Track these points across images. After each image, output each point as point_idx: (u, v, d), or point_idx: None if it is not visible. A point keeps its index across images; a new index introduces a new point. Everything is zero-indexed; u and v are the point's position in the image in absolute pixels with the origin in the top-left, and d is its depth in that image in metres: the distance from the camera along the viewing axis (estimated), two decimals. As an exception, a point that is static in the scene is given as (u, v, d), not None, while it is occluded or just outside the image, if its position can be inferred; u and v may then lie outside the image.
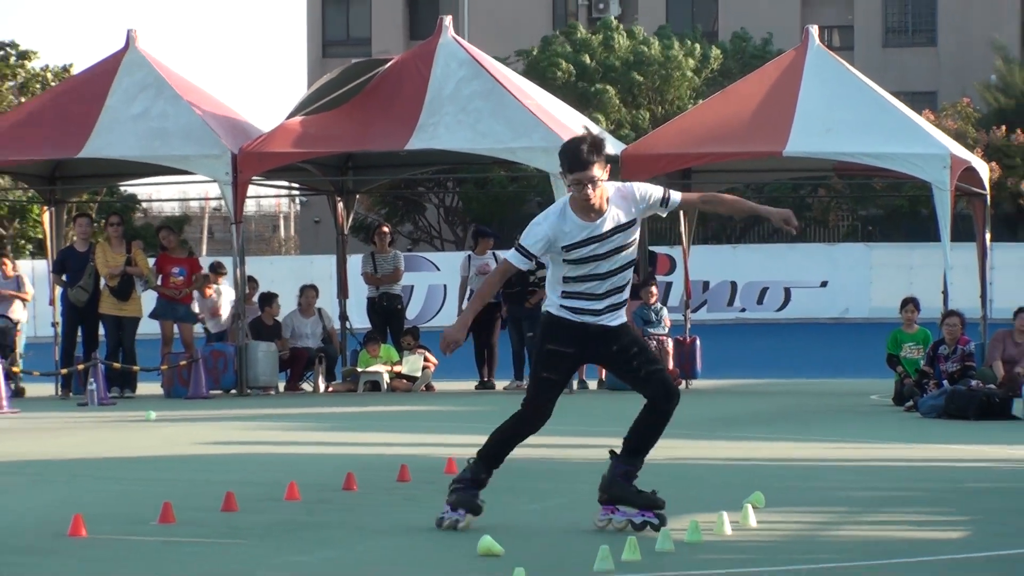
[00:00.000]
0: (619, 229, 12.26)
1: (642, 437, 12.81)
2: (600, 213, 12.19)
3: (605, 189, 12.23)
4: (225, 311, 31.80)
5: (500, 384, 31.30)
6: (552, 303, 12.66)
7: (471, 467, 13.18)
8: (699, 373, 31.40)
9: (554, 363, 12.75)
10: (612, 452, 12.97)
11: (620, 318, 12.62)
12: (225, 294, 31.87)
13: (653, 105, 57.64)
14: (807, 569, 10.80)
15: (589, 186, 12.08)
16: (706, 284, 46.04)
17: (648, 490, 12.72)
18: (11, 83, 59.72)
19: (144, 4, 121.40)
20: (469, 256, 32.34)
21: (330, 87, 31.49)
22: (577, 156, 12.10)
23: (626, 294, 12.63)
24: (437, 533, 13.25)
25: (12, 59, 61.03)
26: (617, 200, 12.31)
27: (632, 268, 12.62)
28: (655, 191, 12.40)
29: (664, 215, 12.76)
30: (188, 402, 28.11)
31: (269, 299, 31.30)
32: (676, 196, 12.45)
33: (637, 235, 12.48)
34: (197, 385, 28.90)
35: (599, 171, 12.09)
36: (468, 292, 31.46)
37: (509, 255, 12.62)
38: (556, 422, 23.74)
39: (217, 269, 32.25)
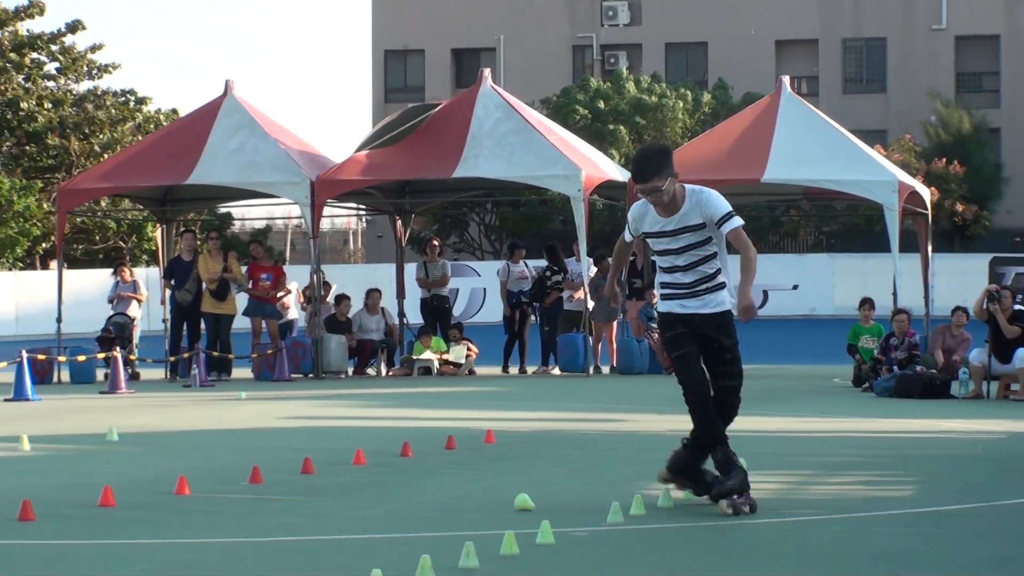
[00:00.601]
0: (688, 229, 11.61)
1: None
2: (672, 212, 11.63)
3: (679, 191, 11.61)
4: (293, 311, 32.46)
5: (531, 368, 31.32)
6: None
7: (718, 456, 11.74)
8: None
9: (677, 343, 11.82)
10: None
11: (709, 307, 11.79)
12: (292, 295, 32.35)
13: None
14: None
15: (652, 194, 11.61)
16: (699, 287, 45.90)
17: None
18: (131, 124, 59.74)
19: (239, 57, 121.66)
20: (507, 264, 32.39)
21: (390, 126, 31.50)
22: (639, 170, 11.67)
23: (713, 283, 11.81)
24: (480, 490, 13.19)
25: (131, 104, 61.07)
26: (692, 203, 11.62)
27: (713, 262, 11.81)
28: (717, 211, 11.58)
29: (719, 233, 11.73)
30: (273, 384, 28.15)
31: (341, 300, 31.40)
32: (729, 227, 11.59)
33: (713, 236, 11.71)
34: (281, 370, 28.95)
35: (659, 182, 11.47)
36: (507, 293, 31.58)
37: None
38: (574, 400, 23.71)
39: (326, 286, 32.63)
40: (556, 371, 30.58)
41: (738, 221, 11.61)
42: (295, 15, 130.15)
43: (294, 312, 32.52)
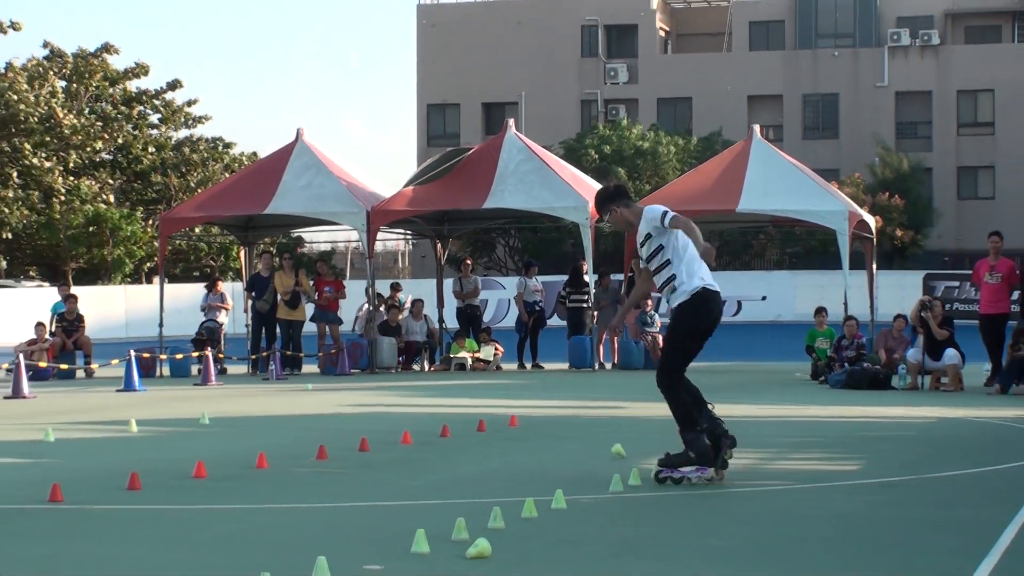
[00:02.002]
0: (644, 242, 11.59)
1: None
2: (634, 229, 11.76)
3: (631, 214, 11.72)
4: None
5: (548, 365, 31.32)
6: None
7: (690, 440, 11.44)
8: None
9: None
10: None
11: (671, 304, 11.56)
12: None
13: (649, 179, 57.55)
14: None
15: (605, 217, 11.96)
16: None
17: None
18: (219, 164, 59.92)
19: (308, 108, 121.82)
20: (523, 279, 32.46)
21: (432, 166, 31.52)
22: (595, 208, 12.11)
23: (672, 287, 11.46)
24: (505, 464, 13.20)
25: (220, 148, 61.27)
26: (641, 220, 11.59)
27: (667, 269, 11.48)
28: (655, 216, 11.42)
29: (669, 229, 11.49)
30: (335, 378, 28.18)
31: (390, 308, 31.40)
32: (668, 221, 11.30)
33: (664, 244, 11.45)
34: (342, 366, 28.99)
35: (605, 214, 11.87)
36: (523, 303, 31.65)
37: None
38: (582, 391, 23.69)
39: (395, 288, 32.61)
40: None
41: (672, 214, 11.43)
42: (355, 74, 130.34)
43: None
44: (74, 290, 33.09)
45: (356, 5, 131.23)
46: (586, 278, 30.57)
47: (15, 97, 54.14)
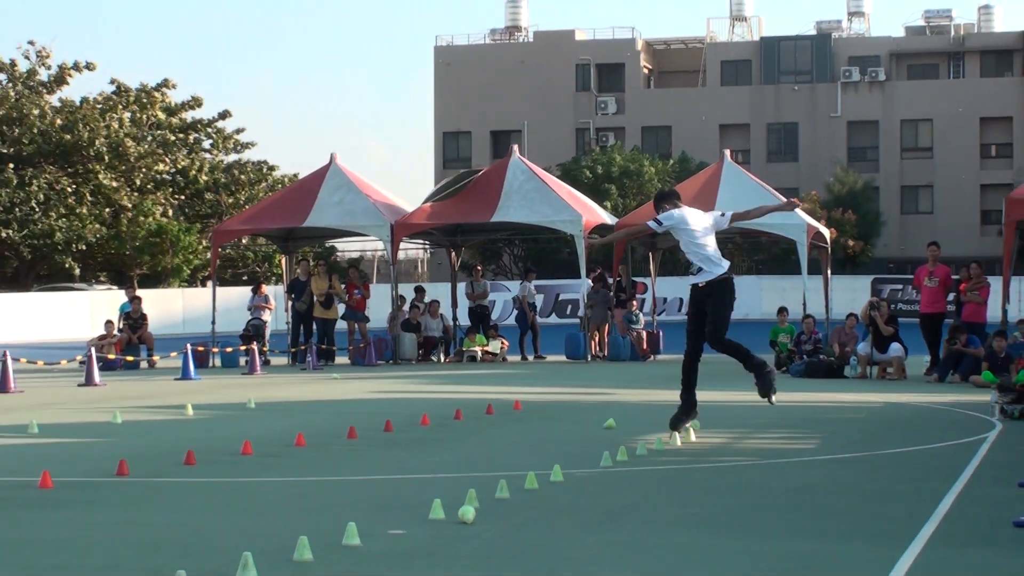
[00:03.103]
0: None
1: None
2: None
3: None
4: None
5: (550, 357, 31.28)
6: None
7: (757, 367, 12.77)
8: (661, 351, 31.26)
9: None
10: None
11: (702, 278, 12.69)
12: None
13: (635, 196, 57.48)
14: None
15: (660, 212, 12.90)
16: (665, 299, 45.66)
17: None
18: (264, 184, 59.93)
19: (340, 135, 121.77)
20: (523, 283, 32.53)
21: (447, 186, 31.52)
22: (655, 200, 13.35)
23: (703, 268, 12.71)
24: (510, 443, 13.21)
25: (264, 170, 61.26)
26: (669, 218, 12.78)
27: (695, 255, 12.73)
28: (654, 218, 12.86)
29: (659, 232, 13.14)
30: (363, 368, 28.15)
31: (412, 308, 31.35)
32: (655, 224, 12.84)
33: (682, 239, 12.72)
34: (369, 358, 28.94)
35: (657, 212, 12.95)
36: (523, 302, 31.74)
37: None
38: (576, 380, 23.67)
39: (419, 291, 32.53)
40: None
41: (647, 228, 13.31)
42: (382, 106, 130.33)
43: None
44: (139, 292, 33.10)
45: (382, 47, 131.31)
46: (610, 282, 30.81)
47: (89, 127, 54.30)
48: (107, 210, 54.62)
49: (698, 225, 12.71)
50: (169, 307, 45.57)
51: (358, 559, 7.28)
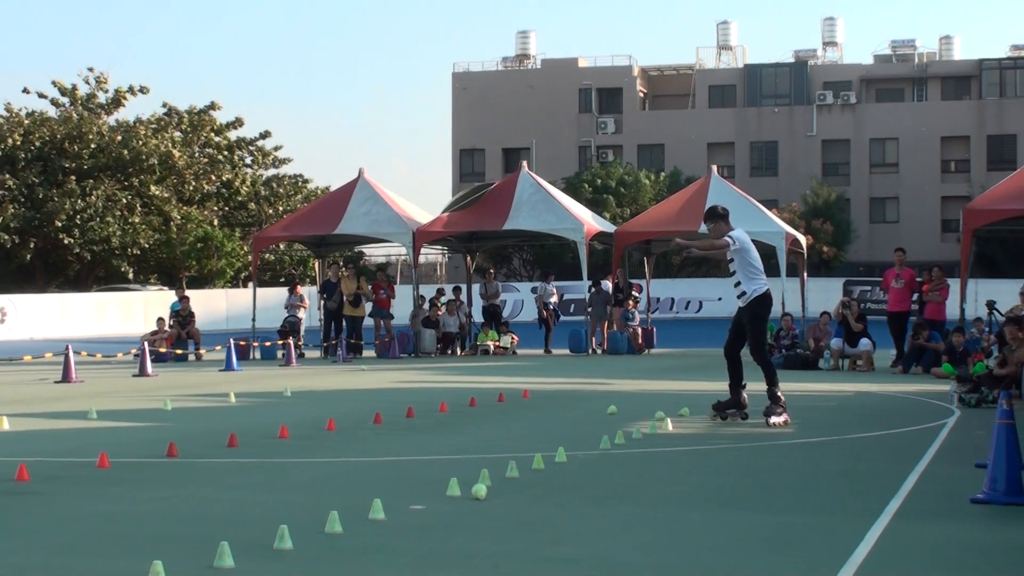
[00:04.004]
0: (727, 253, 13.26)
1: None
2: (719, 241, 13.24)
3: (722, 231, 13.25)
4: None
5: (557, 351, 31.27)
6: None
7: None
8: (655, 346, 31.24)
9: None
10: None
11: (743, 301, 13.17)
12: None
13: (630, 205, 57.42)
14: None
15: (709, 225, 13.42)
16: (658, 299, 45.64)
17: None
18: (299, 196, 59.97)
19: (368, 150, 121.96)
20: (543, 284, 32.62)
21: (463, 198, 31.59)
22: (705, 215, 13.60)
23: (742, 289, 13.22)
24: (520, 428, 13.20)
25: (300, 183, 61.31)
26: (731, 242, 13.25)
27: (740, 276, 13.24)
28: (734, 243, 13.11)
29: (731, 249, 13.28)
30: (387, 361, 28.14)
31: (432, 306, 31.34)
32: (730, 240, 13.18)
33: (734, 259, 13.16)
34: (393, 351, 28.94)
35: (708, 226, 13.49)
36: (541, 303, 31.83)
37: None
38: (579, 371, 23.66)
39: (440, 292, 32.48)
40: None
41: (740, 245, 13.23)
42: (405, 126, 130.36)
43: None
44: (187, 293, 33.12)
45: (406, 73, 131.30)
46: (608, 284, 30.83)
47: (142, 145, 54.42)
48: (158, 219, 54.71)
49: (753, 248, 13.46)
50: (214, 306, 45.63)
51: (382, 531, 7.30)
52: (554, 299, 31.99)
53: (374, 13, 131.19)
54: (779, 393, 13.16)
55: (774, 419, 12.97)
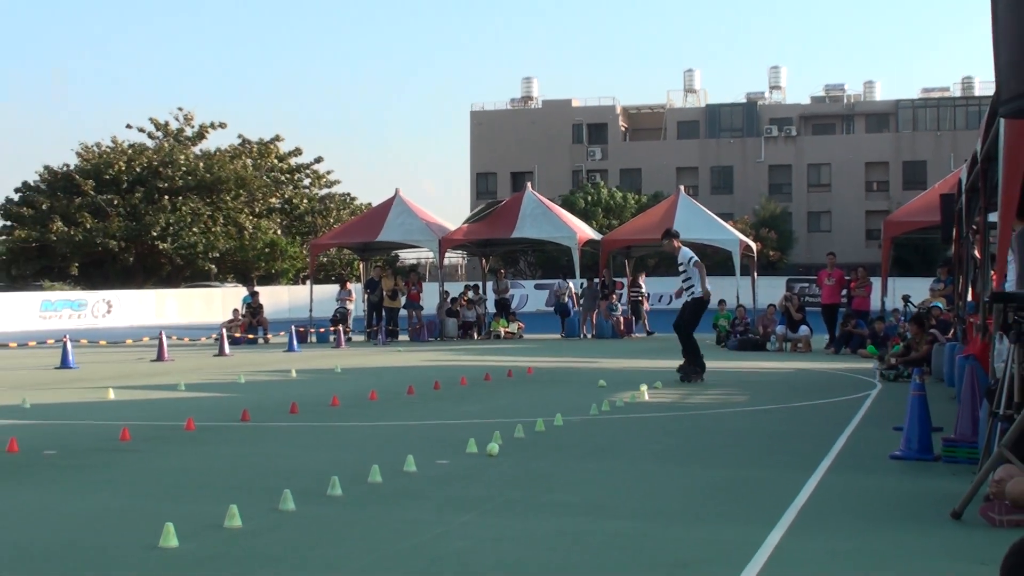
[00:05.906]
0: (679, 266, 14.78)
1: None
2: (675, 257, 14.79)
3: (674, 246, 14.81)
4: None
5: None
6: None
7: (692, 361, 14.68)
8: (634, 332, 31.13)
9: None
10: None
11: (689, 295, 14.65)
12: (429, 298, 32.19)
13: (615, 218, 57.30)
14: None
15: (664, 242, 14.99)
16: (649, 293, 45.57)
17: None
18: (347, 210, 59.95)
19: (402, 173, 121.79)
20: (559, 282, 32.15)
21: (479, 212, 31.60)
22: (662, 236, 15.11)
23: (693, 288, 14.71)
24: (525, 398, 13.18)
25: (348, 200, 61.30)
26: (681, 255, 14.72)
27: (694, 280, 14.72)
28: (685, 258, 14.66)
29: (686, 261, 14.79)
30: (418, 344, 28.13)
31: (455, 299, 31.29)
32: (693, 263, 14.68)
33: (685, 271, 14.50)
34: (422, 336, 28.93)
35: (663, 242, 15.03)
36: (557, 294, 31.63)
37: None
38: (574, 352, 23.59)
39: (467, 288, 32.29)
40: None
41: (695, 259, 14.81)
42: (432, 154, 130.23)
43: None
44: (257, 288, 33.13)
45: (433, 112, 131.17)
46: (640, 281, 30.83)
47: (220, 170, 54.54)
48: (233, 229, 54.79)
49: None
50: (279, 299, 45.64)
51: (414, 480, 7.30)
52: (568, 292, 31.96)
53: (408, 62, 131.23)
54: (692, 364, 14.60)
55: (685, 378, 14.50)
